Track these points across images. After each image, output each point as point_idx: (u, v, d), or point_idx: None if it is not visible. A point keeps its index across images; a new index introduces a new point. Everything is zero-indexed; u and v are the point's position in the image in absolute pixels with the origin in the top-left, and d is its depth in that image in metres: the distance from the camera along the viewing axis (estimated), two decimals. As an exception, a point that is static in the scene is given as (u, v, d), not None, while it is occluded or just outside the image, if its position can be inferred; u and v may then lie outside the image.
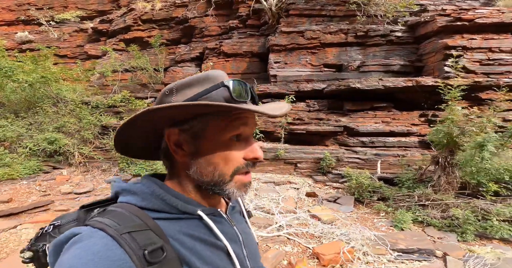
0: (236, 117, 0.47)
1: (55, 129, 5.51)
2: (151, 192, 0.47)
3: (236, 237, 0.55)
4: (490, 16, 4.49)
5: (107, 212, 0.44)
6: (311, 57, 6.10)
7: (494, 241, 2.90)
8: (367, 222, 3.47)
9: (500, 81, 4.46)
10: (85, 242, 0.36)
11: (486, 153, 3.15)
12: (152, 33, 9.13)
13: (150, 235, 0.40)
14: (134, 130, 0.49)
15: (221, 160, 0.47)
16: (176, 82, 0.49)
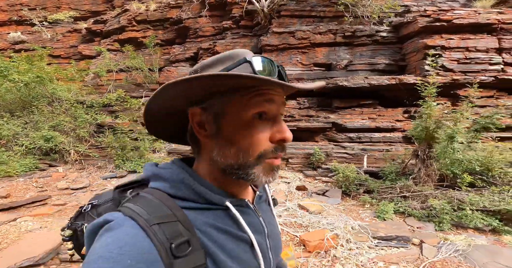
0: (259, 93, 0.44)
1: (50, 128, 5.58)
2: (181, 180, 0.46)
3: (261, 228, 0.54)
4: (467, 17, 4.74)
5: (139, 198, 0.44)
6: (302, 57, 6.29)
7: (469, 230, 3.09)
8: (353, 213, 3.66)
9: (476, 79, 4.70)
10: (116, 231, 0.37)
11: (456, 144, 3.36)
12: (146, 33, 9.21)
13: (178, 227, 0.40)
14: (159, 110, 0.48)
15: (245, 141, 0.45)
16: (201, 62, 0.47)
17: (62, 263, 2.00)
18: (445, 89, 4.96)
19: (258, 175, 0.46)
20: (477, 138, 3.68)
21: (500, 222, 3.07)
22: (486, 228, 3.06)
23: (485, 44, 4.73)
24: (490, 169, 3.63)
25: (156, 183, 0.47)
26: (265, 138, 0.45)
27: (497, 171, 3.58)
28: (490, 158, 3.67)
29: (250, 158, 0.45)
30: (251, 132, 0.45)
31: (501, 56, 4.77)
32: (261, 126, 0.45)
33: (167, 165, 0.50)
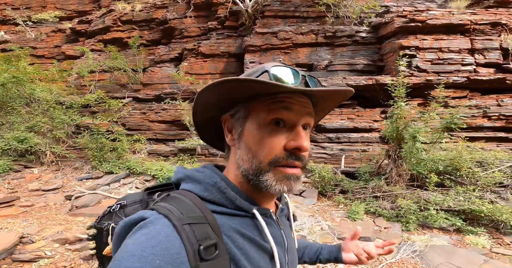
0: (277, 100, 0.45)
1: (27, 129, 5.49)
2: (213, 183, 0.47)
3: (282, 241, 0.54)
4: (440, 18, 4.84)
5: (171, 198, 0.44)
6: (284, 57, 6.33)
7: (434, 230, 3.13)
8: (326, 214, 3.69)
9: (449, 80, 4.82)
10: (150, 229, 0.37)
11: (418, 143, 3.43)
12: (132, 33, 9.13)
13: (207, 230, 0.40)
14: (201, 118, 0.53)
15: (258, 144, 0.46)
16: (243, 74, 0.49)
17: (14, 264, 1.97)
18: (420, 89, 5.07)
19: (270, 183, 0.45)
20: (441, 138, 3.75)
21: (464, 221, 3.14)
22: (450, 228, 3.12)
23: (458, 45, 4.85)
24: (458, 169, 3.71)
25: (188, 185, 0.48)
26: (279, 144, 0.45)
27: (465, 171, 3.65)
28: (459, 158, 3.75)
29: (262, 164, 0.45)
30: (265, 137, 0.45)
31: (473, 57, 4.89)
32: (277, 133, 0.45)
33: (200, 168, 0.52)
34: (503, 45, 4.81)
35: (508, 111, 4.77)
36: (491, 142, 4.83)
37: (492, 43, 4.84)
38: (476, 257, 2.24)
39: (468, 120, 4.88)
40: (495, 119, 4.82)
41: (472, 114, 4.87)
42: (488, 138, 4.84)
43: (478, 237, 2.87)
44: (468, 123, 4.89)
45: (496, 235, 2.92)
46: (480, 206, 3.01)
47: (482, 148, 4.62)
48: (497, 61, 4.86)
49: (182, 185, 0.49)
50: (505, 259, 2.42)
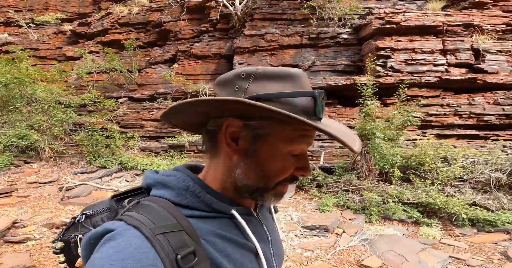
0: (305, 134, 0.45)
1: (27, 127, 5.75)
2: (186, 187, 0.45)
3: (265, 237, 0.54)
4: (414, 20, 4.99)
5: (141, 206, 0.42)
6: (271, 58, 6.52)
7: (394, 221, 3.31)
8: (299, 206, 3.91)
9: (422, 80, 4.98)
10: (119, 241, 0.35)
11: (377, 139, 3.63)
12: (129, 36, 9.34)
13: (184, 237, 0.39)
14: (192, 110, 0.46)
15: (275, 169, 0.45)
16: (257, 68, 0.44)
17: (5, 244, 2.22)
18: (395, 89, 5.23)
19: (269, 199, 0.47)
20: (400, 134, 3.92)
21: (421, 214, 3.34)
22: (409, 219, 3.30)
23: (430, 46, 5.00)
24: (422, 164, 3.90)
25: (159, 191, 0.46)
26: (292, 170, 0.46)
27: (428, 166, 3.84)
28: (424, 154, 3.94)
29: (270, 185, 0.46)
30: (283, 163, 0.45)
31: (445, 57, 5.04)
32: (292, 160, 0.46)
33: (171, 172, 0.49)
34: (474, 46, 4.96)
35: (478, 110, 4.93)
36: (463, 139, 5.00)
37: (464, 44, 4.99)
38: (416, 246, 2.45)
39: (440, 118, 5.06)
40: (466, 117, 4.98)
41: (444, 113, 5.04)
42: (459, 135, 5.01)
43: (431, 228, 3.07)
44: (440, 122, 5.08)
45: (449, 227, 3.12)
46: (435, 199, 3.20)
47: (454, 145, 4.80)
48: (468, 62, 5.00)
49: (153, 191, 0.47)
50: (449, 248, 2.61)
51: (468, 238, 2.84)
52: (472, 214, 3.01)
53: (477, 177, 3.53)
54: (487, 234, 2.87)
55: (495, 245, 2.63)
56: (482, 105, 4.95)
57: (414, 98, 5.19)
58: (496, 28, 5.08)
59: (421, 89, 5.18)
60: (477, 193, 3.48)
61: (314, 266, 2.21)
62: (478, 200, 3.27)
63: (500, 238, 2.75)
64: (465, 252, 2.50)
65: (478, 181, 3.53)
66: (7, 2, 12.23)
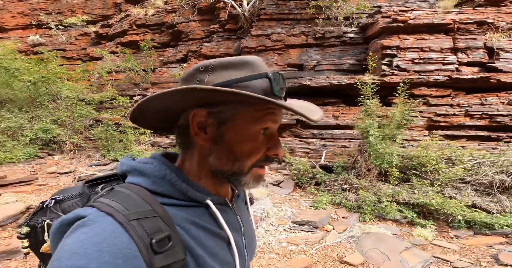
0: (269, 112, 0.45)
1: (52, 122, 6.23)
2: (163, 176, 0.45)
3: (239, 227, 0.54)
4: (422, 18, 4.78)
5: (115, 193, 0.41)
6: (277, 58, 6.53)
7: (389, 221, 3.24)
8: (295, 202, 3.93)
9: (430, 79, 4.78)
10: (91, 227, 0.34)
11: (371, 137, 3.55)
12: (145, 37, 9.72)
13: (158, 223, 0.39)
14: (159, 104, 0.46)
15: (245, 151, 0.46)
16: (214, 60, 0.46)
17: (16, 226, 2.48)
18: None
19: (247, 182, 0.48)
20: (398, 133, 3.80)
21: (418, 214, 3.25)
22: (403, 220, 3.22)
23: (440, 44, 4.77)
24: (424, 165, 3.77)
25: (135, 178, 0.46)
26: (263, 150, 0.47)
27: (429, 167, 3.71)
28: (425, 154, 3.81)
29: (245, 167, 0.46)
30: (253, 144, 0.46)
31: (456, 56, 4.79)
32: (262, 140, 0.47)
33: (148, 159, 0.49)
34: (488, 44, 4.67)
35: (491, 110, 4.65)
36: (473, 140, 4.75)
37: (476, 42, 4.71)
38: (401, 245, 2.41)
39: (449, 119, 4.84)
40: (477, 118, 4.72)
41: (454, 113, 4.81)
42: (469, 136, 4.76)
43: (425, 229, 2.99)
44: (449, 122, 4.86)
45: (444, 229, 3.02)
46: (431, 200, 3.11)
47: (463, 146, 4.58)
48: (480, 60, 4.72)
49: (128, 178, 0.46)
50: (438, 249, 2.54)
51: (461, 240, 2.74)
52: (469, 216, 2.89)
53: (480, 179, 3.37)
54: (483, 237, 2.75)
55: (489, 248, 2.52)
56: (496, 106, 4.67)
57: (422, 98, 5.01)
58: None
59: (429, 89, 4.98)
60: (479, 195, 3.33)
61: (296, 260, 2.26)
62: (479, 202, 3.13)
63: (496, 241, 2.63)
64: (453, 254, 2.43)
65: (481, 183, 3.37)
66: (39, 5, 12.97)
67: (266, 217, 3.11)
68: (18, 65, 6.72)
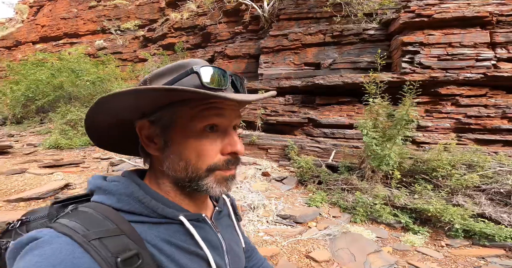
0: (209, 107, 0.42)
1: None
2: (130, 193, 0.43)
3: (219, 245, 0.51)
4: (452, 11, 4.20)
5: (75, 213, 0.39)
6: (294, 57, 6.48)
7: (382, 225, 3.10)
8: (292, 198, 3.99)
9: (460, 76, 4.21)
10: (45, 249, 0.31)
11: (365, 137, 3.35)
12: (181, 39, 10.55)
13: (124, 241, 0.36)
14: (102, 120, 0.44)
15: (193, 153, 0.43)
16: (152, 72, 0.45)
17: (59, 198, 3.16)
18: (426, 87, 4.55)
19: (211, 186, 0.44)
20: (398, 134, 3.48)
21: (415, 220, 3.03)
22: (397, 224, 3.04)
23: (473, 39, 4.12)
24: (435, 169, 3.44)
25: (99, 197, 0.43)
26: (215, 150, 0.44)
27: (441, 172, 3.37)
28: (438, 158, 3.45)
29: (199, 171, 0.43)
30: (199, 145, 0.43)
31: (494, 51, 4.10)
32: (211, 139, 0.44)
33: (116, 178, 0.47)
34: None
35: (536, 112, 3.91)
36: (510, 146, 4.07)
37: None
38: (371, 247, 2.33)
39: (482, 121, 4.22)
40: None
41: (488, 114, 4.17)
42: (506, 141, 4.09)
43: (417, 235, 2.80)
44: (482, 125, 4.25)
45: (440, 237, 2.77)
46: (428, 206, 2.87)
47: (496, 152, 3.97)
48: (527, 55, 3.97)
49: (93, 197, 0.44)
50: (418, 256, 2.38)
51: (452, 249, 2.49)
52: (470, 225, 2.60)
53: (497, 188, 2.95)
54: (480, 248, 2.45)
55: (479, 259, 2.27)
56: (543, 107, 3.90)
57: (451, 98, 4.47)
58: None
59: (460, 88, 4.39)
60: (495, 205, 2.93)
61: (265, 249, 2.40)
62: (489, 212, 2.77)
63: (492, 253, 2.32)
64: (432, 262, 2.25)
65: (497, 192, 2.95)
66: (103, 12, 14.48)
67: (255, 208, 3.29)
68: (82, 67, 8.07)
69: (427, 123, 4.43)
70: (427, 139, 4.32)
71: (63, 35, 15.73)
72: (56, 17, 16.12)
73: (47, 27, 16.15)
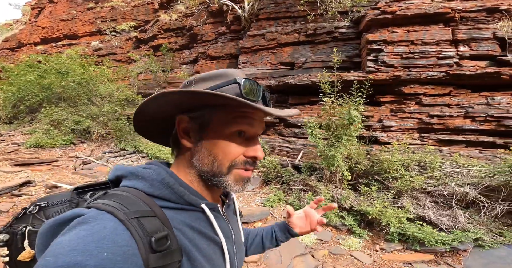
0: (242, 115, 0.47)
1: (88, 115, 7.41)
2: (161, 179, 0.45)
3: (230, 234, 0.55)
4: (414, 8, 4.06)
5: (111, 195, 0.41)
6: (271, 57, 6.40)
7: (329, 227, 3.04)
8: (251, 198, 3.95)
9: (422, 75, 4.09)
10: (92, 224, 0.33)
11: (311, 137, 3.28)
12: (170, 40, 10.51)
13: (157, 223, 0.38)
14: (149, 110, 0.48)
15: (220, 151, 0.47)
16: (196, 75, 0.50)
17: (10, 196, 3.18)
18: (390, 86, 4.44)
19: (230, 184, 0.48)
20: (343, 134, 3.39)
21: (359, 222, 2.96)
22: (343, 227, 2.98)
23: (434, 36, 3.98)
24: (386, 170, 3.35)
25: (131, 182, 0.45)
26: (239, 152, 0.48)
27: (392, 173, 3.28)
28: (391, 159, 3.36)
29: (223, 168, 0.47)
30: (228, 145, 0.47)
31: (456, 49, 3.96)
32: (238, 142, 0.48)
33: (146, 165, 0.49)
34: (498, 34, 3.73)
35: (499, 111, 3.76)
36: (474, 147, 3.94)
37: (482, 32, 3.80)
38: (299, 249, 2.29)
39: (445, 121, 4.09)
40: (480, 120, 3.88)
41: (450, 114, 4.04)
42: (469, 142, 3.96)
43: (357, 238, 2.73)
44: (444, 125, 4.12)
45: (379, 240, 2.70)
46: (369, 208, 2.80)
47: (459, 153, 3.85)
48: (488, 53, 3.81)
49: (124, 182, 0.46)
50: (348, 261, 2.32)
51: (385, 254, 2.42)
52: (404, 229, 2.52)
53: (441, 190, 2.85)
54: (412, 253, 2.37)
55: (405, 265, 2.19)
56: (506, 106, 3.75)
57: (414, 97, 4.35)
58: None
59: (423, 87, 4.27)
60: (439, 207, 2.84)
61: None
62: (429, 215, 2.69)
63: (419, 258, 2.24)
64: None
65: (441, 194, 2.86)
66: (100, 14, 14.53)
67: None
68: (67, 68, 8.11)
69: (391, 123, 4.32)
70: (391, 139, 4.21)
71: (63, 37, 15.84)
72: (56, 18, 16.24)
73: (48, 29, 16.29)
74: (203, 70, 7.98)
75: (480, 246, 2.37)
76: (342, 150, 3.24)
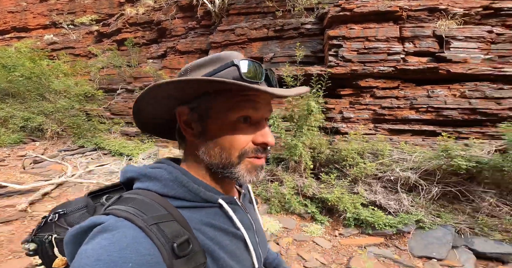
0: (244, 99, 0.44)
1: (39, 112, 6.70)
2: (174, 178, 0.44)
3: (251, 225, 0.53)
4: (369, 5, 4.39)
5: (127, 200, 0.39)
6: (241, 52, 6.35)
7: (294, 216, 3.15)
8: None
9: (374, 69, 4.43)
10: (113, 233, 0.32)
11: (273, 128, 3.40)
12: (137, 34, 9.94)
13: (176, 227, 0.37)
14: (148, 107, 0.46)
15: (227, 141, 0.44)
16: (191, 63, 0.46)
17: None
18: (349, 80, 4.74)
19: (242, 174, 0.45)
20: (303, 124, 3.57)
21: (321, 209, 3.11)
22: (306, 215, 3.10)
23: (385, 33, 4.35)
24: (344, 159, 3.57)
25: (144, 184, 0.44)
26: (247, 139, 0.45)
27: (349, 161, 3.51)
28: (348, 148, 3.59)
29: (232, 158, 0.44)
30: (233, 133, 0.44)
31: (402, 45, 4.36)
32: (244, 129, 0.45)
33: (155, 165, 0.47)
34: (437, 32, 4.19)
35: (438, 103, 4.22)
36: (418, 135, 4.36)
37: (424, 30, 4.24)
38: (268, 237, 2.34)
39: (394, 112, 4.48)
40: (423, 111, 4.32)
41: (398, 106, 4.44)
42: (414, 131, 4.38)
43: (319, 225, 2.87)
44: (394, 115, 4.50)
45: (337, 226, 2.87)
46: (328, 195, 2.96)
47: (406, 141, 4.24)
48: (429, 50, 4.26)
49: (137, 184, 0.44)
50: (310, 247, 2.43)
51: (343, 239, 2.59)
52: (359, 214, 2.72)
53: (389, 175, 3.12)
54: (366, 237, 2.57)
55: (360, 249, 2.36)
56: (444, 98, 4.22)
57: (369, 90, 4.69)
58: (471, 12, 4.19)
59: (376, 80, 4.62)
60: (388, 192, 3.11)
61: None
62: (379, 200, 2.93)
63: (371, 241, 2.44)
64: (318, 253, 2.31)
65: (389, 179, 3.13)
66: (56, 6, 13.41)
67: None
68: (14, 62, 7.24)
69: (350, 115, 4.60)
70: (350, 130, 4.49)
71: (11, 29, 14.19)
72: (3, 10, 14.46)
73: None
74: (171, 64, 7.70)
75: (421, 228, 2.59)
76: (304, 139, 3.38)
